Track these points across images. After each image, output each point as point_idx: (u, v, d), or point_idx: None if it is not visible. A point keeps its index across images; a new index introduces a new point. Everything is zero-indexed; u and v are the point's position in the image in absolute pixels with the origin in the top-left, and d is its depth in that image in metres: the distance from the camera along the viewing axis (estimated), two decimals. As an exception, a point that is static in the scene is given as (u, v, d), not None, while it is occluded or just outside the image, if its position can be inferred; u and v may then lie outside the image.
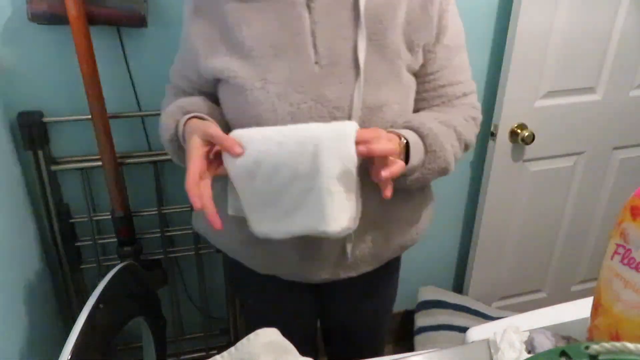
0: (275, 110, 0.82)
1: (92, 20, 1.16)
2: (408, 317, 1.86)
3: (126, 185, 1.34)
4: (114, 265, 1.11)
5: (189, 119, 0.83)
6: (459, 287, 1.96)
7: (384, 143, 0.76)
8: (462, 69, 0.95)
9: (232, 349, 0.64)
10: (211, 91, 0.92)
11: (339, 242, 0.93)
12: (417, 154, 0.84)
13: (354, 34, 0.82)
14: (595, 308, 0.70)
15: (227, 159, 0.77)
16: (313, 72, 0.82)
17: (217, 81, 0.89)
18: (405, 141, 0.83)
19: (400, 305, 1.91)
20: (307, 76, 0.82)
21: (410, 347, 1.74)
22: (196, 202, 0.73)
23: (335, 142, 0.74)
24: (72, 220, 1.40)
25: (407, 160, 0.83)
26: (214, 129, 0.76)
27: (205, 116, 0.84)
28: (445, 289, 1.87)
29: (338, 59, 0.82)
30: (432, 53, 0.89)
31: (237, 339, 1.12)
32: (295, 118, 0.82)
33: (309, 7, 0.82)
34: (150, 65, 1.31)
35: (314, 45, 0.82)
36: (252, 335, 0.65)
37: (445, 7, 0.88)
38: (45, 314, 1.39)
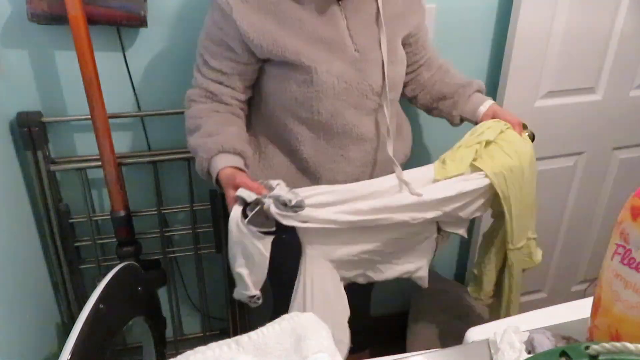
0: (334, 87, 1.04)
1: (92, 20, 1.16)
2: (402, 318, 1.86)
3: (125, 185, 1.34)
4: (113, 265, 1.11)
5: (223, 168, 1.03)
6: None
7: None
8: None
9: (245, 337, 0.61)
10: (250, 77, 1.09)
11: None
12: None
13: (377, 30, 1.08)
14: (595, 308, 0.70)
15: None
16: (355, 57, 1.06)
17: (267, 63, 1.06)
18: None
19: (395, 307, 1.91)
20: (352, 60, 1.06)
21: (403, 348, 1.73)
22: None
23: None
24: (72, 220, 1.40)
25: None
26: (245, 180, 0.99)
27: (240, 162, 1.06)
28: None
29: (369, 47, 1.07)
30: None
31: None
32: (347, 91, 1.06)
33: (341, 8, 1.05)
34: (150, 65, 1.31)
35: (351, 37, 1.06)
36: (271, 325, 0.62)
37: None
38: (45, 314, 1.39)
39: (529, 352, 0.72)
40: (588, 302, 0.72)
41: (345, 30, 1.06)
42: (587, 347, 0.49)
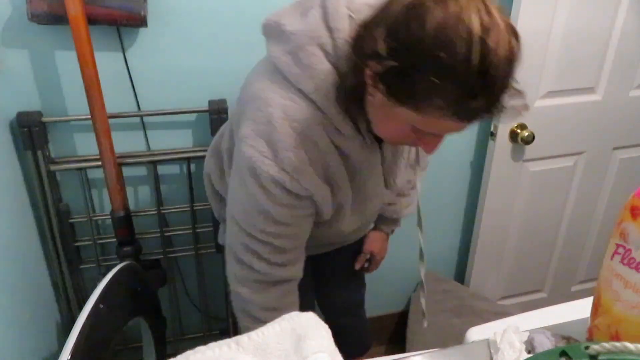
0: (349, 222, 1.03)
1: (92, 20, 1.16)
2: (402, 318, 1.86)
3: (125, 185, 1.34)
4: (113, 265, 1.11)
5: None
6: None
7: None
8: None
9: (245, 337, 0.61)
10: None
11: None
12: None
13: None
14: (595, 308, 0.70)
15: None
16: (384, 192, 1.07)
17: None
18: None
19: (396, 305, 1.91)
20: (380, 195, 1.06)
21: (403, 348, 1.73)
22: None
23: None
24: (72, 220, 1.40)
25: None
26: None
27: None
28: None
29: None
30: None
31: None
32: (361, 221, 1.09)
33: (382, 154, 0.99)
34: (150, 65, 1.31)
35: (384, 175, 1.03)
36: (271, 325, 0.62)
37: None
38: (45, 314, 1.39)
39: (529, 352, 0.72)
40: (588, 302, 0.72)
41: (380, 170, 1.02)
42: (587, 347, 0.49)
